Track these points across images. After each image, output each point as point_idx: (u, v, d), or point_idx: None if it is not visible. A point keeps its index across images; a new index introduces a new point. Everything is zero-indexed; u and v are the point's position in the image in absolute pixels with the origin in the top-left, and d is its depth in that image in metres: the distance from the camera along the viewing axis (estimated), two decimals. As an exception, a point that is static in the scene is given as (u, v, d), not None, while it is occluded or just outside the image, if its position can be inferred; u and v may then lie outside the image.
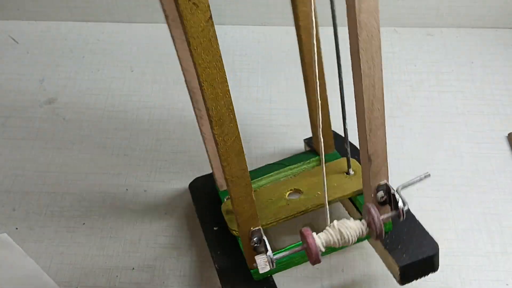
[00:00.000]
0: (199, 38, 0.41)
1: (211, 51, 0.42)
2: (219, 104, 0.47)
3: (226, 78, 0.46)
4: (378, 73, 0.52)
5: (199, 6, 0.40)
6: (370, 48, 0.50)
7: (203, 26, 0.40)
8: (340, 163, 0.73)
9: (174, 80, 0.95)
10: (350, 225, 0.56)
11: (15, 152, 0.86)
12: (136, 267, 0.73)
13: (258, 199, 0.69)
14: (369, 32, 0.49)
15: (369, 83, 0.52)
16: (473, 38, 1.01)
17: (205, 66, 0.43)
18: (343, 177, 0.71)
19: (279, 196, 0.70)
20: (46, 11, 1.03)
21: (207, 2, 0.40)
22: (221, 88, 0.46)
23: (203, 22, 0.40)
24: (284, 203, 0.69)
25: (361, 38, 0.48)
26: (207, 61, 0.43)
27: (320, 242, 0.55)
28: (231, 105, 0.48)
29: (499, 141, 0.86)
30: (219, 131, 0.49)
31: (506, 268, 0.72)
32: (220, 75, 0.45)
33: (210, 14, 0.40)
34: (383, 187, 0.59)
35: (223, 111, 0.48)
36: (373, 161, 0.57)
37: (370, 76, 0.51)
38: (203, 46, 0.41)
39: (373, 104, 0.53)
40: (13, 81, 0.96)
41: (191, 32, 0.40)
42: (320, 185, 0.66)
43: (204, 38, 0.41)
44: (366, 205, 0.57)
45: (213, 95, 0.46)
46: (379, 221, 0.55)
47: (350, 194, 0.70)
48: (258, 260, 0.56)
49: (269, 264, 0.56)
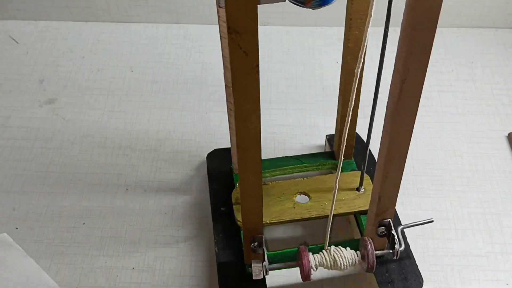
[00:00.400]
0: (242, 82, 0.44)
1: (251, 94, 0.46)
2: (247, 137, 0.50)
3: (260, 116, 0.49)
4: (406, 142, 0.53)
5: (248, 55, 0.43)
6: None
7: (248, 72, 0.44)
8: (353, 176, 0.73)
9: (173, 80, 0.95)
10: (344, 255, 0.59)
11: (15, 152, 0.86)
12: (136, 267, 0.73)
13: (267, 194, 0.70)
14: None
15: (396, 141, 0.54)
16: (473, 38, 1.01)
17: (242, 104, 0.46)
18: (352, 193, 0.71)
19: (288, 196, 0.71)
20: (46, 11, 1.03)
21: (257, 51, 0.42)
22: (252, 124, 0.49)
23: (249, 69, 0.44)
24: (290, 205, 0.70)
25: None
26: (245, 100, 0.46)
27: (314, 263, 0.59)
28: (259, 140, 0.51)
29: (499, 140, 0.86)
30: (242, 155, 0.52)
31: (506, 268, 0.72)
32: (253, 112, 0.48)
33: (257, 63, 0.43)
34: (386, 223, 0.61)
35: (248, 143, 0.51)
36: (382, 202, 0.59)
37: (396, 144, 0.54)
38: (244, 88, 0.45)
39: (394, 157, 0.54)
40: (13, 81, 0.96)
41: (236, 75, 0.43)
42: (329, 195, 0.69)
43: (247, 82, 0.44)
44: (364, 239, 0.60)
45: (244, 127, 0.49)
46: (373, 257, 0.58)
47: (355, 211, 0.70)
48: (254, 267, 0.60)
49: (263, 272, 0.60)
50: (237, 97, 0.45)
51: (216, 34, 1.03)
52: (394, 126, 0.50)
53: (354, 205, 0.70)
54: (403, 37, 0.44)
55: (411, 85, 0.47)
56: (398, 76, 0.46)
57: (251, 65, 0.43)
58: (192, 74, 0.96)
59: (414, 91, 0.48)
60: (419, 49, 0.44)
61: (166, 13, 1.02)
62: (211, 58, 0.99)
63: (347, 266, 0.60)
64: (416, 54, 0.45)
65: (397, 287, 0.64)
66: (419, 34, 0.43)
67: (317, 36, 1.02)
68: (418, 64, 0.45)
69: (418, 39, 0.43)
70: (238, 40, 0.41)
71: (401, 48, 0.45)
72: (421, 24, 0.42)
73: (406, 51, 0.44)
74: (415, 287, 0.64)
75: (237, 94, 0.45)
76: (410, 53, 0.44)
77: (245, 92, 0.45)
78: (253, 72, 0.44)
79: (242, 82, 0.44)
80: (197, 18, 1.03)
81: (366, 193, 0.71)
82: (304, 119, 0.89)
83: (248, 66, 0.43)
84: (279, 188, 0.71)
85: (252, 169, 0.52)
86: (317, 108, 0.90)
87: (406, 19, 0.42)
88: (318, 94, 0.93)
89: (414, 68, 0.46)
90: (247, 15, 0.40)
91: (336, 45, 1.00)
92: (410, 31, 0.43)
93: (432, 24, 0.43)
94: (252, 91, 0.45)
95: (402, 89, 0.47)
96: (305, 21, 1.03)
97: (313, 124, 0.88)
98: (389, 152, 0.53)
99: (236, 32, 0.40)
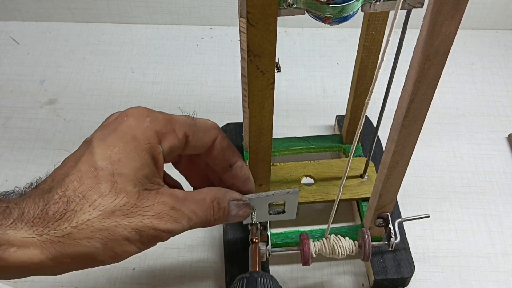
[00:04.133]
0: (258, 96, 0.48)
1: (265, 107, 0.50)
2: (259, 146, 0.53)
3: (272, 128, 0.52)
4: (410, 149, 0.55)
5: (265, 74, 0.46)
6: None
7: (263, 88, 0.47)
8: (358, 162, 0.74)
9: (174, 81, 0.95)
10: (343, 244, 0.64)
11: (16, 153, 0.86)
12: (136, 267, 0.73)
13: (275, 174, 0.73)
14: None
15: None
16: (473, 40, 1.01)
17: (256, 115, 0.50)
18: (356, 180, 0.73)
19: (295, 178, 0.73)
20: (47, 12, 1.04)
21: (273, 71, 0.46)
22: (264, 137, 0.53)
23: (265, 86, 0.47)
24: (296, 187, 0.71)
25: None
26: (259, 113, 0.50)
27: (314, 250, 0.64)
28: (270, 144, 0.54)
29: (499, 142, 0.86)
30: (253, 161, 0.55)
31: (507, 269, 0.72)
32: (266, 123, 0.52)
33: (273, 81, 0.47)
34: (385, 216, 0.64)
35: (259, 147, 0.54)
36: (383, 199, 0.61)
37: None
38: (259, 101, 0.49)
39: (398, 163, 0.56)
40: (14, 82, 0.96)
41: (253, 90, 0.47)
42: (334, 181, 0.73)
43: (262, 97, 0.48)
44: (362, 231, 0.64)
45: (256, 138, 0.53)
46: (369, 248, 0.62)
47: (357, 198, 0.72)
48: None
49: (265, 254, 0.64)
50: (252, 109, 0.49)
51: (216, 34, 1.04)
52: (399, 137, 0.52)
53: (357, 192, 0.72)
54: (415, 63, 0.45)
55: (419, 104, 0.48)
56: (407, 96, 0.48)
57: (267, 83, 0.47)
58: (193, 75, 0.96)
59: (421, 109, 0.49)
60: (430, 76, 0.46)
61: (167, 14, 1.03)
62: (212, 59, 0.99)
63: (345, 254, 0.64)
64: (427, 80, 0.46)
65: (390, 272, 0.68)
66: (431, 62, 0.44)
67: (318, 38, 1.02)
68: (427, 89, 0.47)
69: (430, 67, 0.45)
70: (257, 61, 0.44)
71: (411, 73, 0.46)
72: (435, 54, 0.44)
73: (417, 77, 0.45)
74: (406, 274, 0.68)
75: (253, 106, 0.49)
76: (421, 78, 0.46)
77: (260, 106, 0.49)
78: (268, 88, 0.48)
79: (258, 96, 0.48)
80: (198, 19, 1.03)
81: (369, 180, 0.73)
82: (304, 120, 0.89)
83: (264, 83, 0.47)
84: (287, 170, 0.74)
85: (263, 159, 0.56)
86: (317, 109, 0.90)
87: (421, 50, 0.43)
88: (318, 95, 0.93)
89: (422, 93, 0.47)
90: (267, 40, 0.43)
91: (337, 46, 1.00)
92: (422, 60, 0.44)
93: (444, 54, 0.44)
94: (266, 105, 0.49)
95: (409, 107, 0.48)
96: (305, 23, 1.03)
97: (314, 125, 0.88)
98: (393, 159, 0.55)
99: (255, 55, 0.44)
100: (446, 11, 0.40)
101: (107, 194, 0.42)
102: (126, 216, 0.42)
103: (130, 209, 0.43)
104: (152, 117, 0.46)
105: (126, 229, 0.42)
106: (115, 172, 0.43)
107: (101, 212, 0.41)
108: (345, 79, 0.95)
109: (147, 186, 0.45)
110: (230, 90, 0.94)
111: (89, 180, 0.42)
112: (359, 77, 0.68)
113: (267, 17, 0.40)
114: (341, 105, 0.90)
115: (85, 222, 0.41)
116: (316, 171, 0.74)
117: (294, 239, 0.69)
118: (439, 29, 0.42)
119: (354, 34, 1.02)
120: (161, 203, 0.45)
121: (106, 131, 0.45)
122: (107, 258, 0.43)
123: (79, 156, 0.44)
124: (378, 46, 0.65)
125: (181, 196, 0.47)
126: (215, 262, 0.73)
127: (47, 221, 0.40)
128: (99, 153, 0.43)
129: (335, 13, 0.43)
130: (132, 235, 0.43)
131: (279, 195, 0.56)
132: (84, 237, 0.41)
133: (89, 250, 0.42)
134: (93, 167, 0.42)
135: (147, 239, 0.44)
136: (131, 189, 0.43)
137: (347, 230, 0.70)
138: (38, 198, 0.41)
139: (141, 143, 0.44)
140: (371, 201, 0.63)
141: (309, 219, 0.76)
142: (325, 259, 0.71)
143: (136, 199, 0.43)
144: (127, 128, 0.44)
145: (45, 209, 0.41)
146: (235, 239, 0.71)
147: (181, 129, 0.49)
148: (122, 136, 0.44)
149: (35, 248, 0.40)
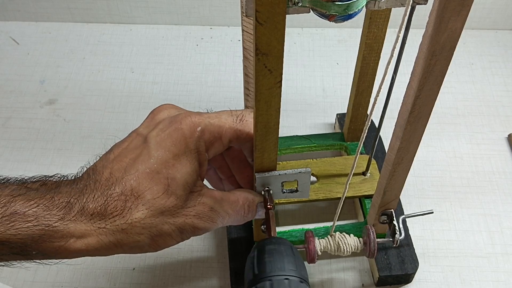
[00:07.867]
0: (265, 95, 0.48)
1: (272, 106, 0.50)
2: (266, 145, 0.54)
3: (278, 126, 0.53)
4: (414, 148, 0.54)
5: (272, 72, 0.46)
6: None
7: (271, 86, 0.48)
8: (360, 160, 0.74)
9: (174, 81, 0.95)
10: (348, 241, 0.64)
11: (16, 153, 0.86)
12: (136, 267, 0.73)
13: None
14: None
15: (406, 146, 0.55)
16: (473, 40, 1.01)
17: (262, 114, 0.50)
18: (359, 177, 0.73)
19: None
20: (47, 12, 1.04)
21: (281, 69, 0.46)
22: (271, 135, 0.53)
23: (272, 84, 0.48)
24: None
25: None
26: (265, 111, 0.50)
27: (319, 247, 0.64)
28: (276, 143, 0.55)
29: (499, 142, 0.86)
30: (259, 155, 0.55)
31: (507, 269, 0.72)
32: (273, 122, 0.52)
33: (280, 79, 0.47)
34: (389, 213, 0.64)
35: (266, 146, 0.54)
36: (387, 196, 0.61)
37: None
38: (266, 100, 0.49)
39: (402, 159, 0.55)
40: (14, 82, 0.96)
41: (260, 89, 0.47)
42: (336, 178, 0.73)
43: (269, 96, 0.49)
44: (367, 228, 0.63)
45: (262, 136, 0.53)
46: (375, 245, 0.62)
47: (360, 195, 0.72)
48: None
49: None
50: (259, 108, 0.49)
51: (216, 35, 1.04)
52: (404, 133, 0.52)
53: (360, 189, 0.72)
54: (420, 59, 0.45)
55: (424, 100, 0.49)
56: (412, 92, 0.48)
57: (275, 81, 0.47)
58: (192, 75, 0.96)
59: (427, 106, 0.49)
60: (436, 72, 0.46)
61: (167, 15, 1.03)
62: (212, 59, 0.99)
63: (350, 252, 0.64)
64: (433, 76, 0.46)
65: (394, 268, 0.68)
66: (437, 58, 0.44)
67: (317, 38, 1.02)
68: (433, 85, 0.47)
69: (436, 63, 0.45)
70: (264, 60, 0.44)
71: (417, 70, 0.46)
72: (441, 50, 0.44)
73: (423, 73, 0.46)
74: (410, 270, 0.69)
75: (259, 104, 0.49)
76: (427, 74, 0.46)
77: (267, 104, 0.50)
78: (276, 86, 0.48)
79: (265, 94, 0.48)
80: (197, 19, 1.03)
81: (372, 177, 0.73)
82: (304, 120, 0.89)
83: (272, 82, 0.47)
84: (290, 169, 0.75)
85: (269, 157, 0.56)
86: (317, 109, 0.91)
87: (427, 46, 0.43)
88: (318, 95, 0.93)
89: (428, 89, 0.47)
90: (275, 39, 0.43)
91: (336, 47, 1.00)
92: (428, 57, 0.44)
93: (450, 50, 0.44)
94: (274, 103, 0.50)
95: (415, 103, 0.48)
96: (305, 23, 1.03)
97: (314, 125, 0.88)
98: (397, 156, 0.55)
99: (263, 54, 0.44)
100: (452, 7, 0.40)
101: (160, 196, 0.47)
102: (172, 216, 0.48)
103: (177, 210, 0.48)
104: (202, 126, 0.51)
105: (171, 227, 0.48)
106: (169, 177, 0.48)
107: (152, 211, 0.47)
108: (345, 79, 0.95)
109: (193, 189, 0.50)
110: (230, 90, 0.94)
111: (145, 181, 0.47)
112: (361, 75, 0.69)
113: (275, 15, 0.40)
114: (341, 105, 0.90)
115: (138, 220, 0.46)
116: (318, 169, 0.74)
117: (298, 237, 0.69)
118: (446, 25, 0.42)
119: (354, 34, 1.02)
120: (202, 204, 0.50)
121: (163, 135, 0.49)
122: (150, 249, 0.49)
123: (137, 154, 0.49)
124: (379, 43, 0.65)
125: (218, 197, 0.52)
126: (215, 262, 0.73)
127: (105, 216, 0.46)
128: (156, 157, 0.48)
129: (340, 11, 0.43)
130: (175, 232, 0.49)
131: (291, 174, 0.57)
132: (136, 232, 0.47)
133: (138, 243, 0.47)
134: (150, 169, 0.47)
135: (186, 235, 0.50)
136: (181, 193, 0.48)
137: (351, 227, 0.70)
138: (98, 194, 0.46)
139: (193, 152, 0.50)
140: (375, 198, 0.63)
141: (312, 217, 0.76)
142: (327, 257, 0.71)
143: (183, 202, 0.49)
144: (181, 137, 0.49)
145: (104, 205, 0.46)
146: (240, 238, 0.71)
147: (227, 135, 0.53)
148: (176, 144, 0.49)
149: (92, 238, 0.46)
